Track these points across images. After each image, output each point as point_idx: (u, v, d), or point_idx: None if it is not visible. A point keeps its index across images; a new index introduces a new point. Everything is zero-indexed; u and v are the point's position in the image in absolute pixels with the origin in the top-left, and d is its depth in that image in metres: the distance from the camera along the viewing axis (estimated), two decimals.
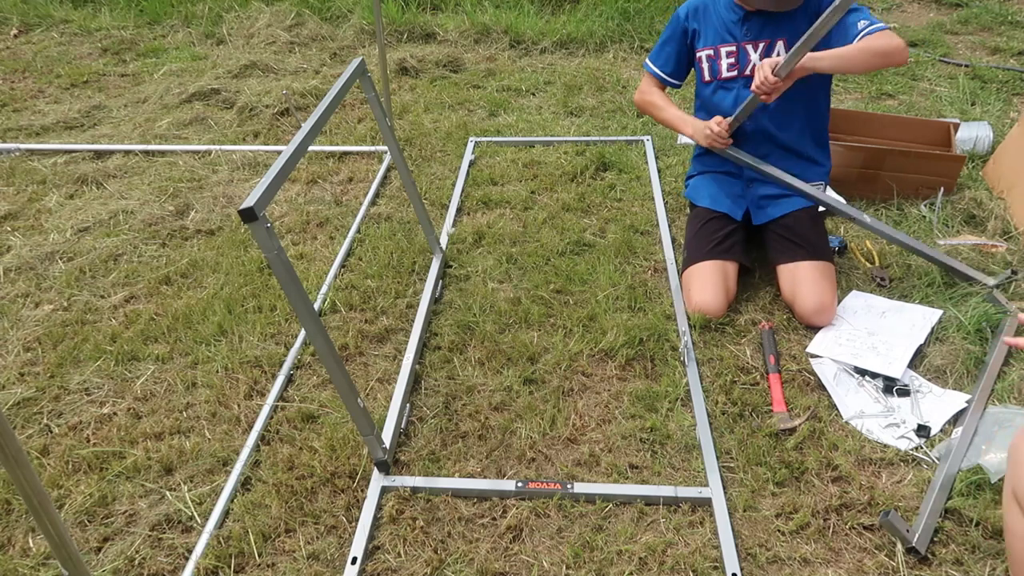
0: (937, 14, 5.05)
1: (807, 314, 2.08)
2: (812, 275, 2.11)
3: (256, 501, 1.63)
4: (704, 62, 2.25)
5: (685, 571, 1.47)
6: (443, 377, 1.98)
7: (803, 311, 2.09)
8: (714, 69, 2.24)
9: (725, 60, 2.21)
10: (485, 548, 1.52)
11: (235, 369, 2.00)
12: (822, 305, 2.07)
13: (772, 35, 2.14)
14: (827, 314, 2.08)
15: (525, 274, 2.36)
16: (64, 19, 4.98)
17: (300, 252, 2.51)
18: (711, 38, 2.22)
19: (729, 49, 2.20)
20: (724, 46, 2.20)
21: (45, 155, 3.22)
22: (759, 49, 2.17)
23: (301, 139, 1.45)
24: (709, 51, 2.23)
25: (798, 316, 2.12)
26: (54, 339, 2.12)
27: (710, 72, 2.25)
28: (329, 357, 1.45)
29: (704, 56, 2.25)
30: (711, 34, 2.22)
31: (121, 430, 1.82)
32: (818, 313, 2.07)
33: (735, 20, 2.18)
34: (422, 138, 3.31)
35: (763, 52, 2.16)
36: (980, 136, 2.93)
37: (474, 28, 4.55)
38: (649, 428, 1.79)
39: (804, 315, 2.09)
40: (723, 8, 2.20)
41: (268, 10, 4.80)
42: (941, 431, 1.77)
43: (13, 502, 1.64)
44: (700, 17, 2.24)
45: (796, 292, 2.11)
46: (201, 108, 3.68)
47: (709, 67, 2.25)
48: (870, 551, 1.51)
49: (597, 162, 2.98)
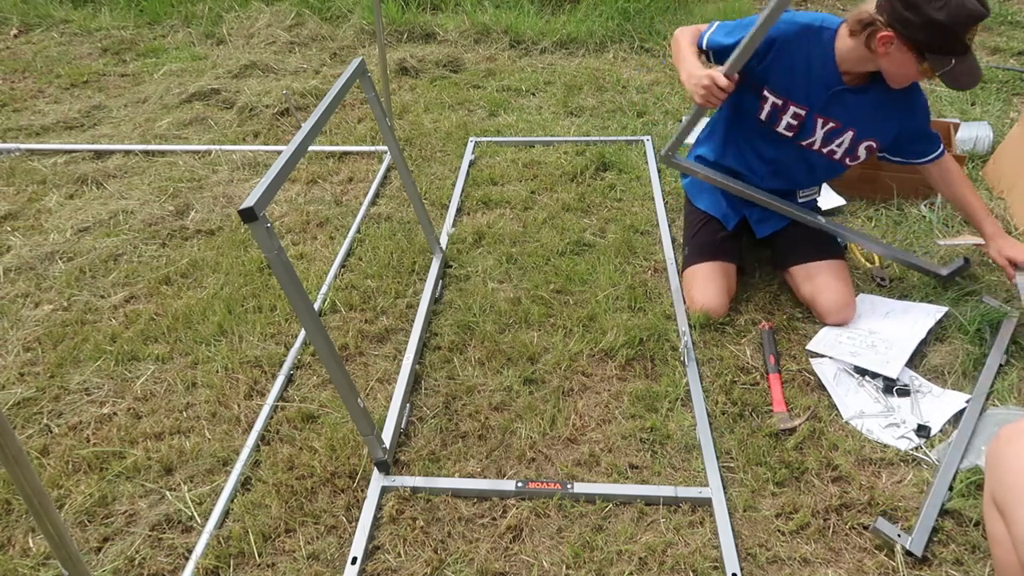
0: None
1: (830, 312, 2.07)
2: (829, 273, 2.10)
3: (256, 501, 1.63)
4: (767, 105, 1.99)
5: (685, 571, 1.47)
6: (443, 377, 1.98)
7: (825, 310, 2.07)
8: (773, 118, 2.01)
9: (788, 118, 1.99)
10: (485, 548, 1.52)
11: (235, 369, 2.00)
12: (844, 302, 2.07)
13: (849, 122, 1.96)
14: (850, 310, 2.07)
15: (525, 274, 2.36)
16: (64, 19, 4.98)
17: (300, 252, 2.51)
18: (788, 89, 1.94)
19: (798, 111, 1.96)
20: (795, 105, 1.95)
21: (45, 155, 3.22)
22: (827, 127, 1.97)
23: (301, 139, 1.45)
24: (778, 100, 1.97)
25: (819, 315, 2.10)
26: (54, 339, 2.12)
27: (768, 117, 2.02)
28: (329, 357, 1.45)
29: (771, 100, 1.98)
30: (791, 85, 1.94)
31: (121, 430, 1.82)
32: (840, 310, 2.06)
33: (826, 88, 1.92)
34: (422, 138, 3.31)
35: (828, 133, 1.98)
36: (980, 136, 2.93)
37: (474, 28, 4.55)
38: (649, 428, 1.79)
39: (826, 313, 2.08)
40: (819, 64, 1.91)
41: (268, 10, 4.80)
42: (941, 431, 1.77)
43: (13, 502, 1.64)
44: (790, 54, 1.91)
45: (816, 292, 2.09)
46: (201, 108, 3.68)
47: (769, 112, 2.00)
48: (870, 551, 1.51)
49: (597, 162, 2.98)
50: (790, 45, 1.91)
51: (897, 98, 1.94)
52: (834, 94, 1.94)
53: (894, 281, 2.28)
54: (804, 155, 2.09)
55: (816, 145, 2.04)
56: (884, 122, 1.98)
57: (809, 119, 1.99)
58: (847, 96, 1.94)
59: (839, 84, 1.92)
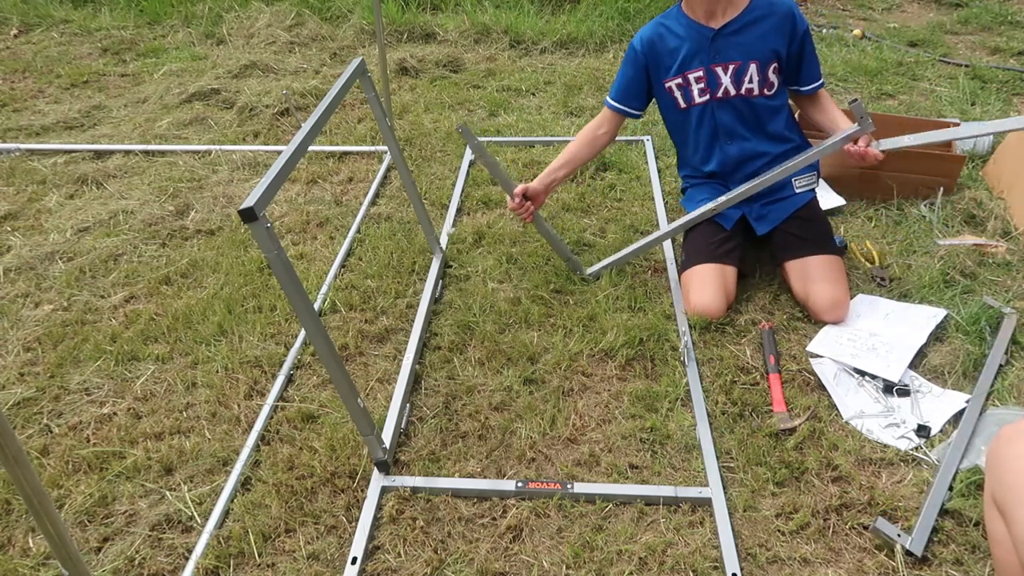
0: (937, 14, 5.05)
1: (822, 310, 2.07)
2: (823, 269, 2.10)
3: (256, 501, 1.63)
4: (676, 91, 2.19)
5: (685, 571, 1.47)
6: (443, 377, 1.98)
7: (818, 307, 2.08)
8: (687, 96, 2.18)
9: (695, 86, 2.15)
10: (485, 548, 1.52)
11: (235, 369, 2.00)
12: (837, 300, 2.07)
13: (745, 55, 2.09)
14: (842, 309, 2.08)
15: (525, 274, 2.36)
16: (64, 19, 4.98)
17: (300, 252, 2.51)
18: (675, 67, 2.15)
19: (697, 75, 2.14)
20: (691, 72, 2.14)
21: (45, 155, 3.22)
22: (729, 71, 2.11)
23: (301, 139, 1.45)
24: (677, 79, 2.16)
25: (812, 313, 2.11)
26: (54, 339, 2.12)
27: (684, 100, 2.19)
28: (329, 357, 1.45)
29: (674, 86, 2.18)
30: (674, 64, 2.15)
31: (121, 430, 1.82)
32: (833, 308, 2.07)
33: (702, 43, 2.10)
34: (422, 138, 3.31)
35: (733, 74, 2.11)
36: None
37: (474, 28, 4.56)
38: (649, 428, 1.79)
39: (819, 311, 2.08)
40: (683, 28, 2.13)
41: (268, 10, 4.81)
42: (941, 431, 1.77)
43: (13, 502, 1.64)
44: (658, 49, 2.16)
45: (809, 288, 2.10)
46: (201, 108, 3.68)
47: (682, 95, 2.19)
48: (870, 551, 1.51)
49: (597, 162, 2.98)
50: (653, 43, 2.16)
51: (766, 16, 2.08)
52: (712, 41, 2.10)
53: (894, 281, 2.28)
54: (734, 107, 2.16)
55: (732, 91, 2.14)
56: (772, 37, 2.09)
57: (709, 74, 2.13)
58: (726, 38, 2.09)
59: (708, 31, 2.10)
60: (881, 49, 4.25)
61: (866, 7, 5.22)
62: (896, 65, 4.01)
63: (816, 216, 2.24)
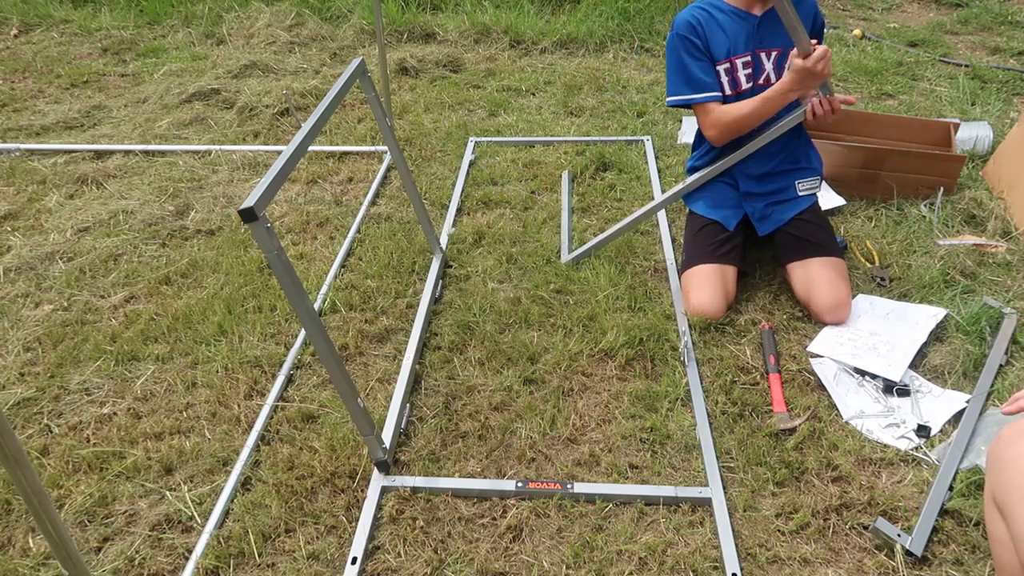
0: (937, 14, 5.05)
1: (824, 311, 2.08)
2: (826, 271, 2.10)
3: (256, 501, 1.63)
4: (723, 76, 2.13)
5: (685, 571, 1.47)
6: (443, 377, 1.98)
7: (820, 308, 2.08)
8: (733, 82, 2.13)
9: (742, 71, 2.12)
10: (485, 548, 1.52)
11: (235, 369, 2.00)
12: (839, 302, 2.07)
13: (784, 44, 2.07)
14: (844, 310, 2.08)
15: (525, 274, 2.36)
16: (64, 19, 4.98)
17: (300, 252, 2.51)
18: (723, 51, 2.10)
19: (745, 60, 2.10)
20: (738, 57, 2.10)
21: (45, 155, 3.22)
22: (772, 57, 2.10)
23: (301, 139, 1.45)
24: (726, 64, 2.11)
25: (814, 314, 2.11)
26: (54, 339, 2.12)
27: (730, 86, 2.14)
28: (329, 357, 1.45)
29: (722, 70, 2.12)
30: (722, 47, 2.10)
31: (121, 430, 1.82)
32: (835, 310, 2.07)
33: (747, 29, 2.08)
34: (422, 138, 3.31)
35: (776, 60, 2.09)
36: (980, 136, 2.93)
37: (474, 28, 4.55)
38: (649, 428, 1.79)
39: (821, 313, 2.09)
40: (727, 19, 2.10)
41: (268, 10, 4.80)
42: (941, 431, 1.77)
43: (13, 502, 1.64)
44: (704, 32, 2.10)
45: (811, 290, 2.10)
46: (201, 108, 3.68)
47: (729, 80, 2.13)
48: (870, 551, 1.51)
49: (597, 162, 2.98)
50: (698, 25, 2.10)
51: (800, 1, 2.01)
52: (756, 27, 2.08)
53: (894, 281, 2.28)
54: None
55: (773, 78, 2.11)
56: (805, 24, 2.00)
57: (755, 59, 2.11)
58: (770, 24, 2.08)
59: (752, 17, 2.09)
60: (881, 49, 4.25)
61: (866, 7, 5.21)
62: (896, 65, 4.01)
63: (819, 219, 2.24)
